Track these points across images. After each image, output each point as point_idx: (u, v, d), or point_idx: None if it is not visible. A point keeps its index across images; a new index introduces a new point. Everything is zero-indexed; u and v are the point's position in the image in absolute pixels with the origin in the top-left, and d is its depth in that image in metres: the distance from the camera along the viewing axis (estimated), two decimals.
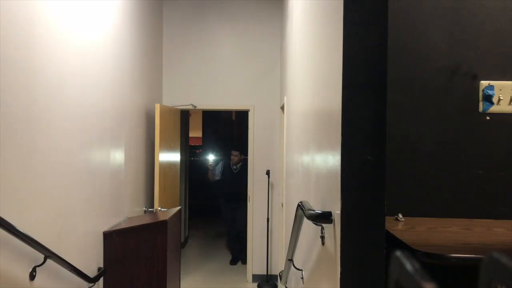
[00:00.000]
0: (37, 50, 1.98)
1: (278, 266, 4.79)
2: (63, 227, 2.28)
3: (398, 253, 0.43)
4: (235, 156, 5.55)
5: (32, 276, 1.92)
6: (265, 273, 4.86)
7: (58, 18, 2.19)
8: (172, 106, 4.70)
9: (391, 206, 1.41)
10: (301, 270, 2.23)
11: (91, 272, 2.68)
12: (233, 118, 9.30)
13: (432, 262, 1.12)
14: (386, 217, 1.15)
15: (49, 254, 1.99)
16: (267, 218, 4.86)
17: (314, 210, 1.47)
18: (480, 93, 1.70)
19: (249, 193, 4.97)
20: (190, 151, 7.49)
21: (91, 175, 2.66)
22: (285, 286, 2.84)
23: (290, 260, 2.25)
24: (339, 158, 1.16)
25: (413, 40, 1.73)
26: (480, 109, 1.70)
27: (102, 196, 2.88)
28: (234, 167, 5.56)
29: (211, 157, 6.01)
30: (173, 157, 4.69)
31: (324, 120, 1.54)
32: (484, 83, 1.70)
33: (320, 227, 1.53)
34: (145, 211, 4.06)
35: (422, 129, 1.71)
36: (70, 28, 2.33)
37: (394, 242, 1.26)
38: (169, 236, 3.19)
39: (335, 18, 1.27)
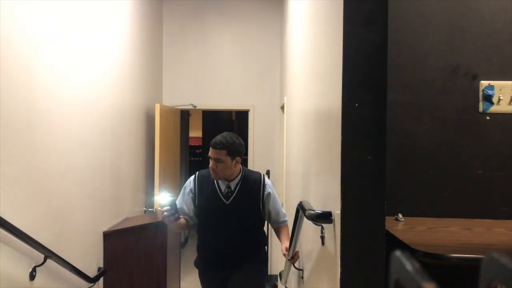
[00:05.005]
0: (37, 50, 1.98)
1: (278, 266, 4.79)
2: (63, 227, 2.28)
3: (398, 253, 0.43)
4: (218, 161, 2.24)
5: (32, 276, 1.92)
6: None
7: (58, 17, 2.19)
8: (172, 106, 4.70)
9: (391, 206, 1.41)
10: (301, 270, 2.22)
11: (91, 272, 2.68)
12: (233, 118, 9.30)
13: (432, 262, 1.12)
14: (386, 217, 1.15)
15: (49, 254, 1.99)
16: None
17: (314, 210, 1.47)
18: (480, 93, 1.70)
19: None
20: (190, 151, 7.48)
21: (91, 175, 2.66)
22: (285, 286, 2.84)
23: (290, 260, 2.25)
24: (339, 158, 1.16)
25: (413, 40, 1.73)
26: (480, 109, 1.70)
27: (102, 196, 2.88)
28: (226, 189, 2.33)
29: (163, 197, 2.10)
30: (173, 157, 4.68)
31: (324, 120, 1.54)
32: (484, 83, 1.70)
33: (320, 227, 1.53)
34: (145, 211, 4.06)
35: (422, 129, 1.71)
36: (70, 28, 2.33)
37: (394, 242, 1.26)
38: (169, 236, 3.19)
39: (335, 18, 1.27)
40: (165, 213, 2.06)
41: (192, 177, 2.45)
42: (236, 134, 2.34)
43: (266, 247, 2.62)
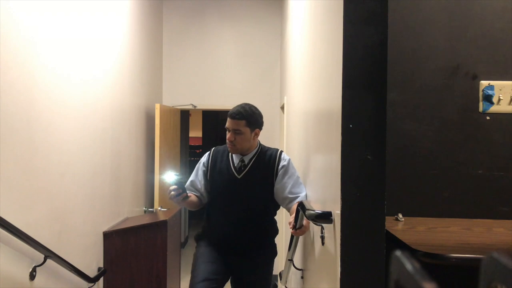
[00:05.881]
0: (37, 50, 1.98)
1: (278, 266, 4.79)
2: (63, 227, 2.28)
3: (398, 253, 0.43)
4: (237, 133, 2.11)
5: (32, 276, 1.92)
6: None
7: (57, 17, 2.19)
8: (172, 106, 4.70)
9: (391, 206, 1.41)
10: (301, 270, 2.22)
11: (91, 272, 2.68)
12: None
13: (432, 262, 1.12)
14: (386, 217, 1.15)
15: (49, 254, 1.99)
16: None
17: (314, 210, 1.47)
18: (480, 93, 1.70)
19: None
20: (190, 151, 7.49)
21: (91, 175, 2.66)
22: (285, 286, 2.84)
23: (290, 260, 2.25)
24: (339, 157, 1.16)
25: (413, 39, 1.73)
26: (480, 109, 1.70)
27: (102, 196, 2.88)
28: (239, 163, 2.18)
29: (169, 176, 2.01)
30: (173, 157, 4.68)
31: (324, 120, 1.54)
32: (484, 83, 1.70)
33: (320, 227, 1.53)
34: (145, 211, 4.06)
35: (422, 129, 1.71)
36: (70, 27, 2.33)
37: (394, 242, 1.26)
38: (169, 236, 3.19)
39: (335, 18, 1.27)
40: (172, 192, 1.98)
41: (208, 151, 2.33)
42: (254, 105, 2.21)
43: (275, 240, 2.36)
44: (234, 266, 2.23)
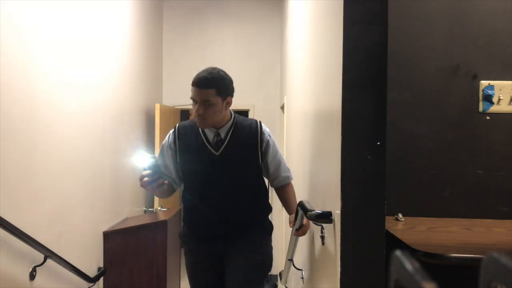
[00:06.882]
0: (37, 50, 1.98)
1: (278, 266, 4.79)
2: (63, 227, 2.28)
3: (398, 253, 0.43)
4: (207, 104, 1.79)
5: (32, 276, 1.92)
6: None
7: (57, 17, 2.19)
8: (172, 106, 4.70)
9: (391, 206, 1.41)
10: (301, 270, 2.23)
11: (91, 272, 2.68)
12: None
13: (432, 262, 1.12)
14: (386, 217, 1.15)
15: (49, 254, 1.99)
16: None
17: (314, 210, 1.47)
18: (480, 93, 1.70)
19: None
20: None
21: (91, 175, 2.66)
22: (285, 286, 2.84)
23: (290, 260, 2.25)
24: (339, 157, 1.16)
25: (413, 39, 1.73)
26: (480, 109, 1.70)
27: (102, 196, 2.88)
28: (215, 138, 1.88)
29: (143, 157, 1.74)
30: None
31: (324, 120, 1.54)
32: (484, 83, 1.70)
33: (320, 227, 1.53)
34: (145, 211, 4.06)
35: (422, 129, 1.71)
36: (69, 27, 2.33)
37: (394, 242, 1.26)
38: (169, 236, 3.19)
39: (335, 18, 1.27)
40: (146, 178, 1.67)
41: (172, 130, 1.98)
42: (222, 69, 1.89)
43: (270, 217, 2.07)
44: (226, 254, 1.93)
